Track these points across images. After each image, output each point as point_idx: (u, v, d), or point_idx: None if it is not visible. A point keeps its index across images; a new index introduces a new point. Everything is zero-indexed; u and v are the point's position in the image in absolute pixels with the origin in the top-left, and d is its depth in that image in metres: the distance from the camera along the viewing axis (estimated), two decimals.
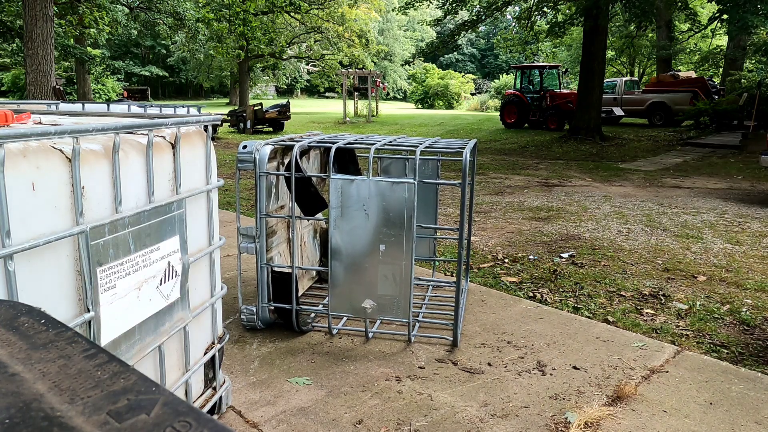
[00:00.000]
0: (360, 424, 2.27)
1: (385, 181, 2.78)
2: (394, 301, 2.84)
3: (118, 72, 41.70)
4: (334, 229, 2.84)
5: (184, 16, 22.63)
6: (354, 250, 2.84)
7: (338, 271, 2.88)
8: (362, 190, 2.78)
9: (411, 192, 2.74)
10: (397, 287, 2.82)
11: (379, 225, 2.79)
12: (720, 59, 25.49)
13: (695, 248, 5.08)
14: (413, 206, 2.75)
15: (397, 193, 2.76)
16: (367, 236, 2.80)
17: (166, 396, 0.49)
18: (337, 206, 2.81)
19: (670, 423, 2.30)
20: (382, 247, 2.79)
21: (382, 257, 2.81)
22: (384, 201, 2.77)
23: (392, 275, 2.81)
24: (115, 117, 2.15)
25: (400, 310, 2.84)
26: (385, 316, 2.88)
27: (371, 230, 2.79)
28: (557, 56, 34.42)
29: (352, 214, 2.80)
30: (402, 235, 2.77)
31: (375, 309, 2.85)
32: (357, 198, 2.79)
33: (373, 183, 2.77)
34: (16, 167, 1.27)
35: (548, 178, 9.49)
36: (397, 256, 2.79)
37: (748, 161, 11.05)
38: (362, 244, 2.82)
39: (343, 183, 2.80)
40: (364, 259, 2.83)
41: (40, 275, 1.36)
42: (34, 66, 10.85)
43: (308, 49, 31.83)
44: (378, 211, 2.77)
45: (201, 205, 2.04)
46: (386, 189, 2.77)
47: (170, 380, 1.92)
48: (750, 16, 11.40)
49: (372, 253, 2.81)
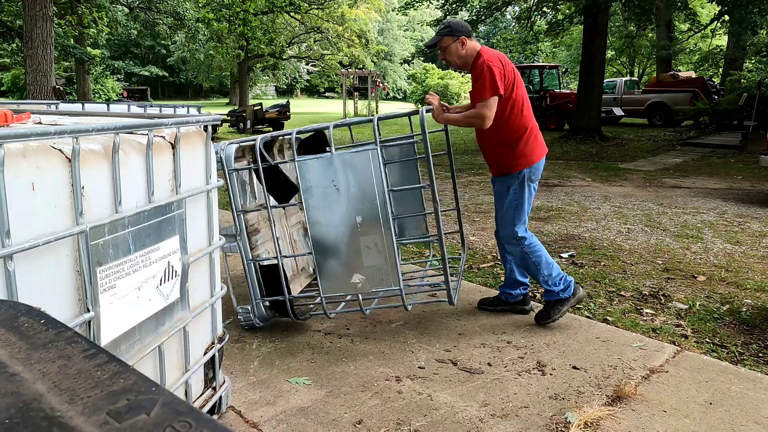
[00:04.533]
0: (360, 424, 2.27)
1: (348, 152, 2.81)
2: (381, 270, 2.84)
3: (117, 72, 41.71)
4: (309, 211, 2.86)
5: (184, 16, 22.64)
6: (332, 228, 2.85)
7: (321, 252, 2.89)
8: (328, 166, 2.81)
9: (375, 158, 2.76)
10: (381, 256, 2.83)
11: (351, 197, 2.81)
12: (720, 59, 25.51)
13: (695, 248, 5.08)
14: (380, 172, 2.77)
15: (363, 162, 2.78)
16: (342, 211, 2.83)
17: (165, 396, 0.49)
18: (308, 187, 2.84)
19: (670, 423, 2.30)
20: (358, 218, 2.81)
21: (361, 228, 2.82)
22: (351, 172, 2.80)
23: (374, 245, 2.82)
24: (115, 117, 2.15)
25: (389, 278, 2.84)
26: (376, 288, 2.88)
27: (345, 204, 2.82)
28: (557, 56, 34.44)
29: (324, 192, 2.83)
30: (375, 202, 2.78)
31: (365, 282, 2.86)
32: (325, 175, 2.82)
33: (337, 157, 2.80)
34: (16, 167, 1.27)
35: (548, 178, 9.49)
36: (375, 225, 2.80)
37: (748, 161, 11.05)
38: (339, 219, 2.84)
39: (308, 163, 2.83)
40: (344, 235, 2.85)
41: (40, 275, 1.36)
42: (33, 66, 10.85)
43: (308, 49, 31.84)
44: (347, 184, 2.80)
45: (201, 205, 2.04)
46: (351, 160, 2.80)
47: (170, 380, 1.92)
48: (753, 15, 11.40)
49: (351, 227, 2.83)
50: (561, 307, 3.27)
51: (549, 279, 3.24)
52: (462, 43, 3.22)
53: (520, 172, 3.20)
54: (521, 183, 3.22)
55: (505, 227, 3.29)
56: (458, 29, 3.25)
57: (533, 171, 3.23)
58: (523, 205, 3.25)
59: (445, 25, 3.31)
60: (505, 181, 3.27)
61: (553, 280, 3.25)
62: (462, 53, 3.23)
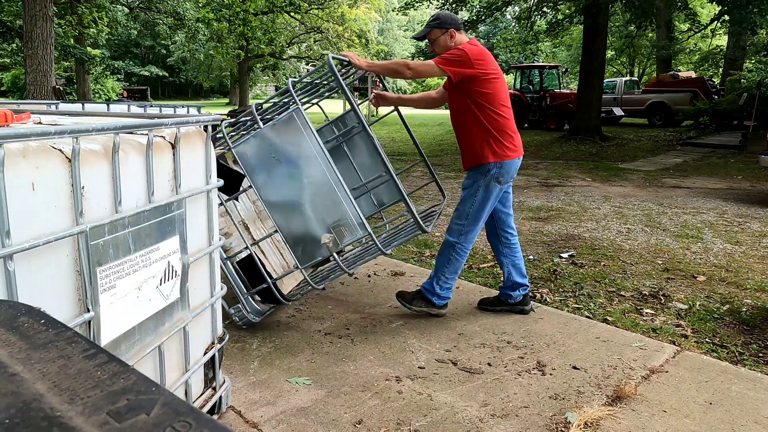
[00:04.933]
0: (360, 424, 2.27)
1: (274, 122, 2.85)
2: (345, 223, 2.86)
3: (117, 72, 41.69)
4: (261, 191, 2.89)
5: (184, 16, 22.64)
6: (287, 199, 2.88)
7: (286, 227, 2.91)
8: (262, 142, 2.85)
9: (300, 116, 2.79)
10: (340, 208, 2.84)
11: (293, 163, 2.84)
12: (720, 59, 25.51)
13: (695, 248, 5.09)
14: (309, 129, 2.79)
15: (290, 125, 2.82)
16: (289, 179, 2.86)
17: (165, 396, 0.49)
18: (251, 169, 2.88)
19: (670, 423, 2.30)
20: (306, 180, 2.84)
21: (310, 188, 2.84)
22: (285, 140, 2.83)
23: (331, 201, 2.83)
24: (115, 117, 2.15)
25: (355, 227, 2.85)
26: (346, 240, 2.89)
27: (290, 172, 2.85)
28: (557, 56, 34.44)
29: (267, 169, 2.87)
30: (316, 159, 2.80)
31: (334, 240, 2.87)
32: (262, 152, 2.85)
33: (266, 130, 2.84)
34: (16, 167, 1.27)
35: (548, 178, 9.49)
36: (324, 182, 2.82)
37: (748, 161, 11.05)
38: (290, 189, 2.86)
39: (244, 147, 2.87)
40: (300, 202, 2.87)
41: (40, 275, 1.36)
42: (33, 66, 10.84)
43: (308, 49, 31.83)
44: (285, 152, 2.83)
45: (201, 205, 2.04)
46: (280, 128, 2.83)
47: (170, 380, 1.92)
48: (753, 16, 11.39)
49: (303, 192, 2.86)
50: (424, 306, 3.35)
51: (443, 282, 3.31)
52: (451, 36, 3.21)
53: (489, 166, 3.17)
54: (487, 181, 3.20)
55: (458, 216, 3.29)
56: (447, 21, 3.23)
57: (502, 172, 3.20)
58: (484, 205, 3.23)
59: (434, 17, 3.30)
60: (472, 174, 3.26)
61: (444, 284, 3.32)
62: (450, 45, 3.22)
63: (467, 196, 3.25)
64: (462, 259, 3.31)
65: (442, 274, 3.30)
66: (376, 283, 4.01)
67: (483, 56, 3.11)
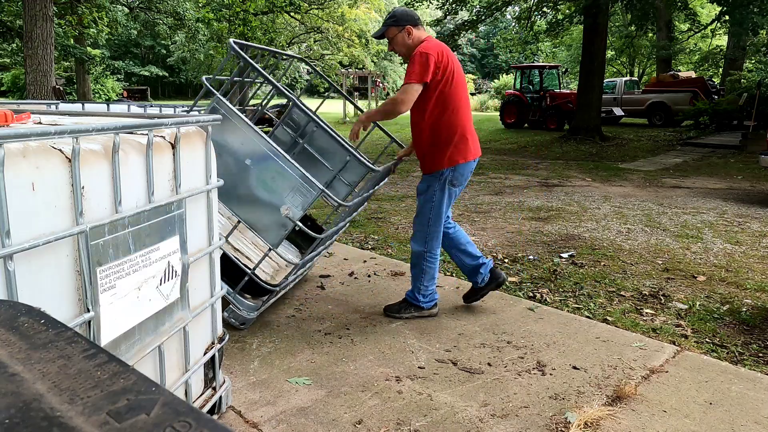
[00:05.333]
0: (360, 424, 2.27)
1: None
2: (296, 187, 2.86)
3: (117, 72, 41.69)
4: None
5: (184, 16, 22.63)
6: (238, 185, 2.88)
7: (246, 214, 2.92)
8: None
9: (222, 104, 2.82)
10: (286, 176, 2.84)
11: (230, 151, 2.85)
12: (720, 59, 25.51)
13: (695, 248, 5.08)
14: (232, 111, 2.81)
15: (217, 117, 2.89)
16: (234, 167, 2.86)
17: (165, 396, 0.49)
18: None
19: (670, 423, 2.30)
20: (248, 161, 2.84)
21: (255, 166, 2.84)
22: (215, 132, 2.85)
23: (276, 171, 2.83)
24: (115, 117, 2.15)
25: (305, 188, 2.84)
26: (303, 204, 2.87)
27: (231, 159, 2.86)
28: (557, 56, 34.43)
29: None
30: (248, 136, 2.81)
31: (292, 208, 2.88)
32: None
33: None
34: (16, 167, 1.27)
35: (548, 178, 9.49)
36: (263, 156, 2.82)
37: (748, 161, 11.05)
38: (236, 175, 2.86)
39: None
40: (249, 185, 2.87)
41: (40, 275, 1.36)
42: (33, 66, 10.84)
43: (308, 49, 31.83)
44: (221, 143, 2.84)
45: (201, 205, 2.04)
46: None
47: (170, 380, 1.92)
48: (754, 16, 11.38)
49: (249, 174, 2.86)
50: (413, 312, 3.35)
51: (423, 290, 3.32)
52: (408, 33, 3.17)
53: (442, 172, 3.17)
54: (442, 185, 3.19)
55: (419, 224, 3.29)
56: (404, 19, 3.18)
57: (456, 175, 3.19)
58: (441, 209, 3.23)
59: (390, 15, 3.25)
60: (428, 178, 3.25)
61: (425, 292, 3.33)
62: (408, 43, 3.18)
63: (425, 201, 3.24)
64: (434, 264, 3.31)
65: (420, 284, 3.31)
66: (376, 283, 4.01)
67: (444, 55, 3.07)
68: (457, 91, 3.14)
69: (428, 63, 3.00)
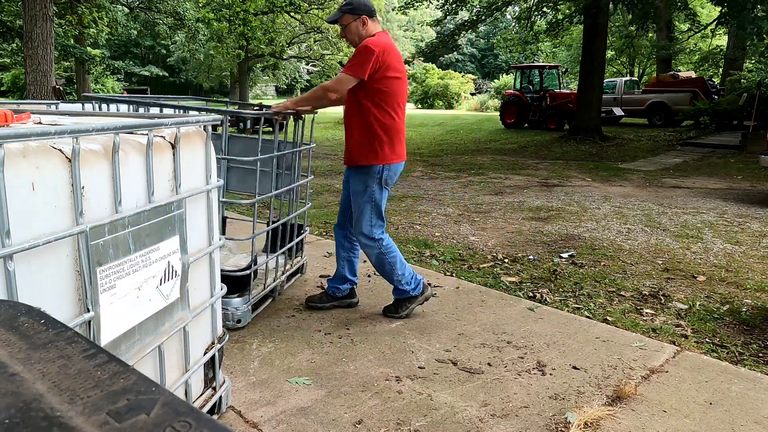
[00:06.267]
0: (360, 424, 2.27)
1: None
2: None
3: (117, 72, 41.64)
4: None
5: (184, 16, 22.63)
6: None
7: None
8: None
9: None
10: None
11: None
12: (720, 59, 25.52)
13: (695, 248, 5.08)
14: None
15: None
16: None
17: (165, 396, 0.49)
18: None
19: (670, 423, 2.30)
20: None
21: None
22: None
23: None
24: (115, 117, 2.15)
25: None
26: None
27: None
28: (557, 56, 34.44)
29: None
30: None
31: None
32: None
33: None
34: (16, 167, 1.27)
35: (548, 178, 9.49)
36: None
37: (748, 161, 11.05)
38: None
39: None
40: None
41: (40, 275, 1.36)
42: (33, 66, 10.84)
43: (308, 49, 31.83)
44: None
45: (201, 205, 2.04)
46: None
47: (170, 380, 1.92)
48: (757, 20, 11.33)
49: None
50: (409, 305, 3.36)
51: (402, 278, 3.31)
52: (363, 23, 3.16)
53: (376, 169, 3.17)
54: (378, 182, 3.19)
55: (364, 227, 3.26)
56: (360, 8, 3.17)
57: (390, 174, 3.21)
58: (381, 205, 3.24)
59: (347, 2, 3.22)
60: (361, 177, 3.23)
61: (405, 279, 3.32)
62: (362, 33, 3.17)
63: (364, 201, 3.23)
64: (395, 252, 3.30)
65: (395, 276, 3.31)
66: (376, 283, 4.01)
67: (389, 53, 3.07)
68: (399, 89, 3.15)
69: (369, 59, 3.00)
